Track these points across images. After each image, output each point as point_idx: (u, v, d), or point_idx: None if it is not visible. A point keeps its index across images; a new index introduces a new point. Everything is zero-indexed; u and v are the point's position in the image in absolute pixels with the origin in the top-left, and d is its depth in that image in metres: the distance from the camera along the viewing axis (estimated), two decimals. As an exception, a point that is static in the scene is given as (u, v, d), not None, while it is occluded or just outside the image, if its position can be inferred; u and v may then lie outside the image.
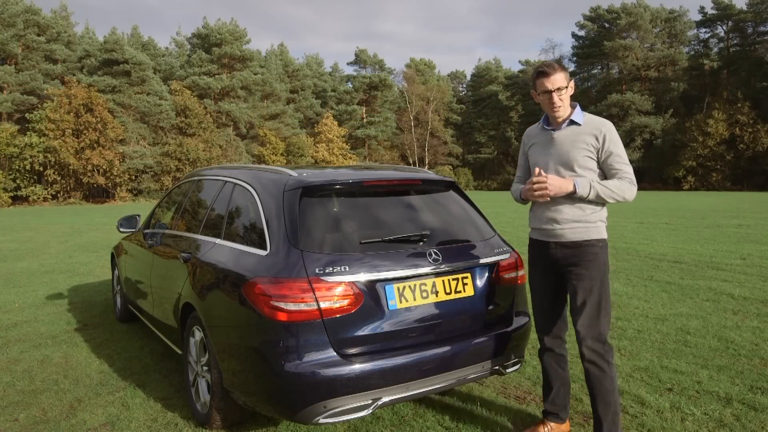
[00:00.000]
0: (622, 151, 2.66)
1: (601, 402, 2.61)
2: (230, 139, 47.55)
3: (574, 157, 2.66)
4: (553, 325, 2.88)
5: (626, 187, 2.62)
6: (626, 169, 2.64)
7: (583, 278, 2.65)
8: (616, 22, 55.77)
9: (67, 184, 38.61)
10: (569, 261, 2.69)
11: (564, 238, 2.70)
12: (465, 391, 3.52)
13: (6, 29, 39.94)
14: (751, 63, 49.87)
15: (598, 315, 2.63)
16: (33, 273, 8.50)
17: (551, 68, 2.67)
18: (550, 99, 2.67)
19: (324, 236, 2.77)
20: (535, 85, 2.73)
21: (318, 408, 2.47)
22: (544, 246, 2.79)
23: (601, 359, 2.61)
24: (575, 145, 2.66)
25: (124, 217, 5.03)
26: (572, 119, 2.71)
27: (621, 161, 2.64)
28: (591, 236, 2.67)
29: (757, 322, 4.94)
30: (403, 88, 64.05)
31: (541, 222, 2.77)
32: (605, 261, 2.69)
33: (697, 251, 9.34)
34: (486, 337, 2.89)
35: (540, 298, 2.89)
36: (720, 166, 47.84)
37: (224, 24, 50.35)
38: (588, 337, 2.63)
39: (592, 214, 2.67)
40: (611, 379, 2.61)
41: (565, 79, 2.67)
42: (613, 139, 2.65)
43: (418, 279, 2.75)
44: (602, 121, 2.70)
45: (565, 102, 2.69)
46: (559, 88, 2.65)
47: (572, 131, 2.70)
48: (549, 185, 2.61)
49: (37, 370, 4.08)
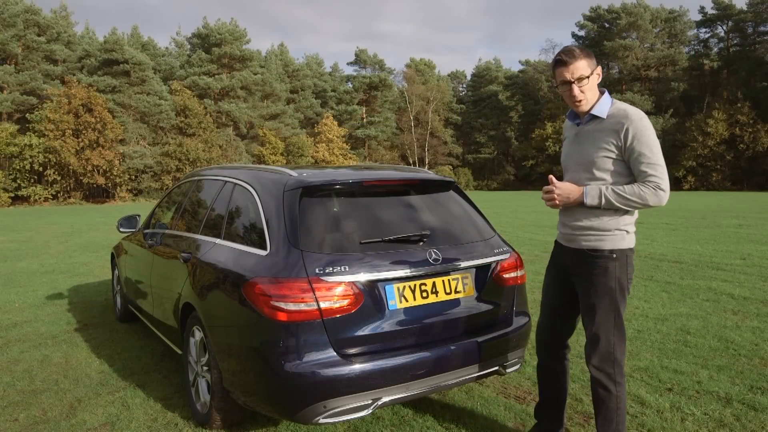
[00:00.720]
0: (651, 149, 2.27)
1: (603, 420, 2.45)
2: (230, 139, 47.55)
3: (593, 159, 2.36)
4: (552, 332, 2.70)
5: (649, 194, 2.26)
6: (652, 172, 2.27)
7: (588, 293, 2.44)
8: (616, 22, 55.79)
9: (67, 184, 38.61)
10: (577, 271, 2.49)
11: (575, 244, 2.48)
12: (465, 391, 3.52)
13: (6, 29, 39.94)
14: (751, 63, 49.87)
15: (606, 334, 2.40)
16: (33, 273, 8.50)
17: (570, 55, 2.33)
18: (569, 91, 2.36)
19: (324, 236, 2.77)
20: (554, 74, 2.41)
21: (318, 408, 2.47)
22: (558, 249, 2.64)
23: (607, 379, 2.41)
24: (595, 143, 2.37)
25: (124, 217, 5.04)
26: (593, 113, 2.39)
27: (647, 161, 2.27)
28: (603, 246, 2.39)
29: (757, 322, 4.94)
30: (403, 88, 64.04)
31: (561, 224, 2.59)
32: (618, 276, 2.38)
33: (697, 251, 9.34)
34: (486, 337, 2.89)
35: (545, 299, 2.74)
36: (720, 166, 47.85)
37: (224, 24, 50.36)
38: (593, 355, 2.44)
39: (610, 221, 2.38)
40: (616, 399, 2.41)
41: (588, 66, 2.34)
42: (638, 135, 2.27)
43: (418, 279, 2.75)
44: (627, 113, 2.32)
45: (589, 93, 2.37)
46: (581, 78, 2.32)
47: (594, 127, 2.40)
48: (557, 194, 2.41)
49: (37, 370, 4.08)
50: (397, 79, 67.02)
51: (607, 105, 2.39)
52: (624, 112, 2.33)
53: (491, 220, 3.47)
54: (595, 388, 2.45)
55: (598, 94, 2.41)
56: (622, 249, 2.40)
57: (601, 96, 2.41)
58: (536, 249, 10.01)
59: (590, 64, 2.35)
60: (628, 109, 2.34)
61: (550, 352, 2.72)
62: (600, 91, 2.42)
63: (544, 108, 57.26)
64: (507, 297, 3.10)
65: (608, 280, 2.39)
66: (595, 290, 2.41)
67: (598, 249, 2.40)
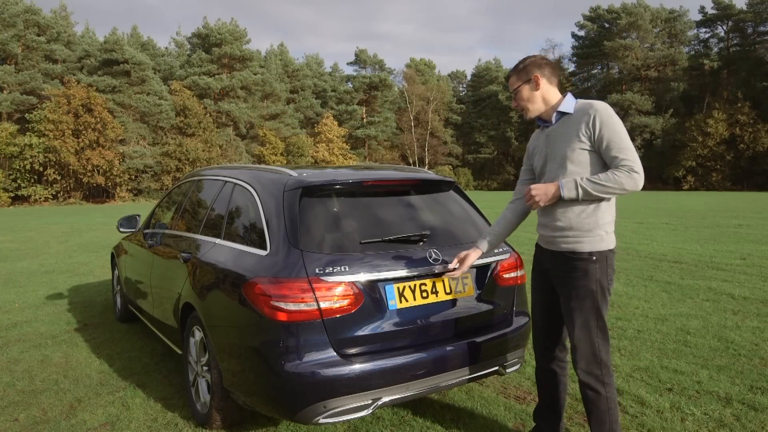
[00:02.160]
0: (618, 134, 2.29)
1: (595, 421, 2.45)
2: (230, 139, 47.57)
3: (565, 153, 2.38)
4: (545, 335, 2.68)
5: (623, 177, 2.25)
6: (623, 156, 2.27)
7: (569, 296, 2.43)
8: (616, 22, 55.81)
9: (67, 184, 38.62)
10: (557, 274, 2.49)
11: (554, 246, 2.48)
12: (465, 391, 3.52)
13: (6, 29, 39.95)
14: (751, 63, 49.89)
15: (589, 336, 2.40)
16: (33, 273, 8.50)
17: (507, 80, 2.61)
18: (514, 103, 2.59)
19: (324, 236, 2.77)
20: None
21: (318, 408, 2.47)
22: (539, 251, 2.65)
23: (595, 381, 2.41)
24: (565, 138, 2.40)
25: (124, 217, 5.03)
26: (560, 110, 2.45)
27: (617, 146, 2.28)
28: (583, 248, 2.38)
29: (757, 322, 4.94)
30: (403, 88, 64.06)
31: (539, 226, 2.58)
32: (599, 278, 2.37)
33: (697, 251, 9.34)
34: (486, 337, 2.89)
35: (534, 303, 2.73)
36: (720, 166, 47.86)
37: (224, 24, 50.37)
38: (580, 359, 2.43)
39: (587, 219, 2.36)
40: (606, 399, 2.42)
41: (517, 80, 2.53)
42: (605, 121, 2.30)
43: (418, 279, 2.75)
44: (590, 103, 2.39)
45: (531, 101, 2.51)
46: (514, 91, 2.54)
47: (563, 123, 2.44)
48: (534, 194, 2.41)
49: (37, 370, 4.08)
50: (397, 79, 67.15)
51: (572, 102, 2.46)
52: (589, 104, 2.40)
53: (491, 220, 3.46)
54: (585, 392, 2.46)
55: (553, 100, 2.50)
56: (602, 251, 2.38)
57: (565, 96, 2.50)
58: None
59: (518, 78, 2.51)
60: (593, 102, 2.41)
61: (545, 354, 2.71)
62: (564, 94, 2.52)
63: (544, 108, 57.21)
64: (507, 297, 3.11)
65: (589, 282, 2.37)
66: (576, 293, 2.40)
67: (577, 251, 2.39)
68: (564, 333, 2.65)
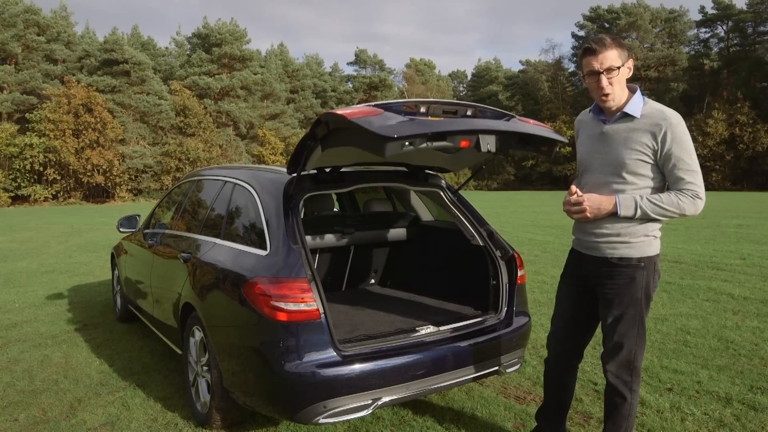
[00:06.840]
0: (690, 155, 2.14)
1: (613, 424, 2.40)
2: (230, 139, 47.51)
3: (623, 161, 2.20)
4: (568, 343, 2.56)
5: (686, 203, 2.14)
6: (690, 179, 2.14)
7: (611, 303, 2.30)
8: (616, 22, 55.76)
9: (67, 184, 38.59)
10: (601, 280, 2.33)
11: (598, 252, 2.32)
12: (465, 391, 3.52)
13: (6, 29, 39.92)
14: (751, 63, 49.86)
15: (629, 343, 2.30)
16: (33, 273, 8.50)
17: (600, 44, 2.15)
18: (597, 83, 2.18)
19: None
20: (581, 64, 2.23)
21: (318, 408, 2.47)
22: (577, 256, 2.47)
23: (623, 386, 2.33)
24: (627, 144, 2.19)
25: (124, 217, 5.03)
26: (625, 111, 2.22)
27: (686, 168, 2.14)
28: (631, 254, 2.25)
29: (757, 322, 4.94)
30: (404, 88, 64.06)
31: (579, 230, 2.41)
32: (644, 285, 2.26)
33: (697, 251, 9.34)
34: (486, 337, 2.89)
35: (561, 310, 2.57)
36: (720, 166, 47.83)
37: (224, 24, 50.34)
38: (612, 362, 2.34)
39: (638, 227, 2.24)
40: (630, 405, 2.35)
41: (620, 57, 2.16)
42: (677, 139, 2.13)
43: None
44: (664, 114, 2.17)
45: (617, 87, 2.19)
46: (610, 69, 2.15)
47: (626, 127, 2.22)
48: (587, 207, 2.23)
49: (37, 370, 4.08)
50: (397, 79, 67.08)
51: (640, 104, 2.22)
52: (661, 113, 2.18)
53: (491, 220, 3.47)
54: (610, 394, 2.38)
55: (627, 92, 2.25)
56: (650, 256, 2.27)
57: (633, 94, 2.25)
58: (536, 249, 10.00)
59: (621, 55, 2.17)
60: (665, 111, 2.19)
61: (561, 361, 2.61)
62: (631, 88, 2.26)
63: (544, 108, 57.23)
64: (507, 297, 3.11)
65: (635, 290, 2.26)
66: (620, 300, 2.28)
67: (625, 257, 2.25)
68: (585, 343, 2.58)
